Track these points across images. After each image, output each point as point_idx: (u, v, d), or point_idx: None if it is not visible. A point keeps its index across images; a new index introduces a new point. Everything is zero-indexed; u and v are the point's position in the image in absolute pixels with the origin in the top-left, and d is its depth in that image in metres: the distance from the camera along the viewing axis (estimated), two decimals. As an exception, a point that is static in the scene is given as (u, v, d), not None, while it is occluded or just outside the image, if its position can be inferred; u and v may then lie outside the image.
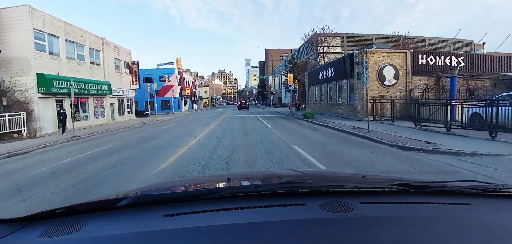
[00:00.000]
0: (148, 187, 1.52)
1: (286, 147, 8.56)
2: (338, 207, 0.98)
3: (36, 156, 9.23)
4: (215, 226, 0.86)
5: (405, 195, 1.16)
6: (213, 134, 13.19)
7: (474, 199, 1.12)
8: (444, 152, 7.07)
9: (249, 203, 1.04)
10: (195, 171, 5.97)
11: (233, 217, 0.94)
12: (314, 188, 1.17)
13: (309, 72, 32.09)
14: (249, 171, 5.39)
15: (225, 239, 0.80)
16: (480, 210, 1.04)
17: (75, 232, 0.87)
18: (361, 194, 1.13)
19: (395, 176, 1.54)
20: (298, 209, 1.00)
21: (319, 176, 1.93)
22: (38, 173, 6.40)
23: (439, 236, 0.83)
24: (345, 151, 7.78)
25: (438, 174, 5.45)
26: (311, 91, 30.88)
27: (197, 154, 7.82)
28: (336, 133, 12.11)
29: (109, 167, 6.60)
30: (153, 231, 0.85)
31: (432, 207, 1.05)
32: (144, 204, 1.07)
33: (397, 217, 0.95)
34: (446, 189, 1.19)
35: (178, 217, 0.95)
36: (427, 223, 0.91)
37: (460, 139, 8.76)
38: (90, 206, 1.06)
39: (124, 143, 10.91)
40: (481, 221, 0.95)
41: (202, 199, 1.12)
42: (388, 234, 0.83)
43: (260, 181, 1.69)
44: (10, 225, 0.93)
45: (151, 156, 7.83)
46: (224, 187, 1.40)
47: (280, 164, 6.43)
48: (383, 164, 6.27)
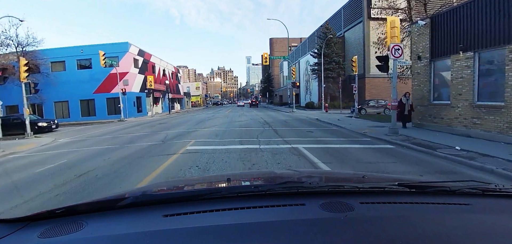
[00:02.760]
0: (148, 187, 1.75)
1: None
2: (338, 207, 0.96)
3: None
4: (215, 226, 0.85)
5: (405, 195, 1.14)
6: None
7: (474, 199, 1.12)
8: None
9: (249, 203, 1.03)
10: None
11: (233, 217, 0.92)
12: (314, 188, 1.15)
13: (439, 15, 11.93)
14: (249, 171, 5.28)
15: (225, 239, 0.78)
16: (480, 210, 1.03)
17: (75, 232, 0.85)
18: (361, 194, 1.12)
19: (395, 176, 1.67)
20: (298, 209, 0.98)
21: (319, 176, 1.90)
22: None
23: (439, 236, 0.81)
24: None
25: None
26: (437, 73, 11.33)
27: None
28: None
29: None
30: (153, 231, 0.84)
31: (432, 207, 1.03)
32: (144, 204, 1.05)
33: (397, 217, 0.94)
34: (446, 189, 1.18)
35: (178, 217, 0.93)
36: (427, 223, 0.89)
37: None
38: (90, 206, 1.04)
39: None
40: (481, 221, 0.94)
41: (202, 199, 1.10)
42: (388, 234, 0.82)
43: (260, 181, 1.68)
44: (10, 225, 0.92)
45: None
46: (224, 187, 1.37)
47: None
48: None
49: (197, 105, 71.54)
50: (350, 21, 32.94)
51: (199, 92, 78.45)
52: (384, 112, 23.83)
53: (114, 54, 28.21)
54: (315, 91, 37.00)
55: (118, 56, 28.60)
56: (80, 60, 29.29)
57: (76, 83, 28.77)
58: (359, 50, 30.38)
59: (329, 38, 29.26)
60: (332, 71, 29.81)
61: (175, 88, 46.60)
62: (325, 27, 31.36)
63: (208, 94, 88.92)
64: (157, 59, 38.45)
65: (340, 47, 32.58)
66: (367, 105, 24.12)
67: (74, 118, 28.84)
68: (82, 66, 29.48)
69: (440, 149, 7.18)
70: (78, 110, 29.32)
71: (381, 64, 10.47)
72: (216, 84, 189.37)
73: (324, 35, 30.62)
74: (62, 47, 29.54)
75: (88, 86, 28.77)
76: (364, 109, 23.40)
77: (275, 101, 69.54)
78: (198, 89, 78.90)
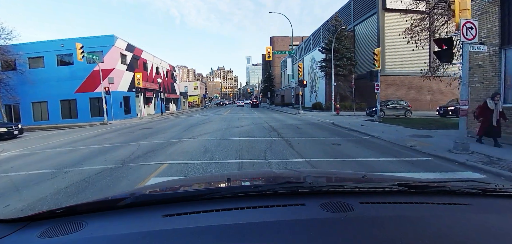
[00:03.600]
0: (148, 187, 1.56)
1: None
2: (338, 207, 0.95)
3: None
4: (215, 226, 0.84)
5: (405, 195, 1.13)
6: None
7: (474, 199, 1.11)
8: None
9: (249, 203, 1.02)
10: None
11: (233, 217, 0.91)
12: (314, 188, 1.14)
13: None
14: (250, 171, 5.12)
15: (226, 239, 0.78)
16: (480, 210, 1.02)
17: (75, 232, 0.84)
18: (361, 194, 1.11)
19: (395, 176, 1.62)
20: (298, 209, 0.98)
21: (319, 176, 1.86)
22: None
23: (439, 236, 0.81)
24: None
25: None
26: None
27: None
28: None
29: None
30: (153, 231, 0.83)
31: (432, 207, 1.03)
32: (144, 204, 1.03)
33: (397, 217, 0.93)
34: (446, 189, 1.17)
35: (178, 217, 0.92)
36: (427, 223, 0.89)
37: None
38: (90, 206, 1.03)
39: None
40: (481, 221, 0.93)
41: (202, 199, 1.08)
42: (388, 234, 0.81)
43: (260, 181, 1.67)
44: (10, 225, 0.91)
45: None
46: (224, 187, 1.34)
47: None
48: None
49: (195, 106, 68.34)
50: (361, 14, 29.79)
51: (197, 92, 75.23)
52: (405, 115, 20.69)
53: (98, 49, 25.04)
54: (321, 91, 33.85)
55: (102, 51, 25.44)
56: (60, 56, 26.08)
57: (56, 81, 25.59)
58: (372, 46, 27.30)
59: (340, 31, 26.11)
60: (343, 68, 26.67)
61: (170, 87, 43.40)
62: (334, 19, 28.20)
63: (206, 94, 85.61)
64: (150, 55, 35.26)
65: (351, 42, 29.44)
66: (386, 106, 20.98)
67: (54, 121, 25.68)
68: (62, 62, 26.27)
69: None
70: (59, 112, 26.13)
71: (442, 50, 7.34)
72: (216, 84, 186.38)
73: (333, 29, 27.46)
74: (40, 41, 26.34)
75: (69, 84, 25.59)
76: (382, 111, 20.28)
77: (276, 101, 66.33)
78: (196, 89, 75.68)
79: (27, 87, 25.02)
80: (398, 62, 26.71)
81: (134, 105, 29.08)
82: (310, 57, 39.90)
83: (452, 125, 12.54)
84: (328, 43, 26.95)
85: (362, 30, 30.00)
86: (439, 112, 20.11)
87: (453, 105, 19.47)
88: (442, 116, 19.15)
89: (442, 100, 24.75)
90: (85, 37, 25.51)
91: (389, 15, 26.43)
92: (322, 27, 40.31)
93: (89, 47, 24.12)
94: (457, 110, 19.17)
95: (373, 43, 27.09)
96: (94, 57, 22.14)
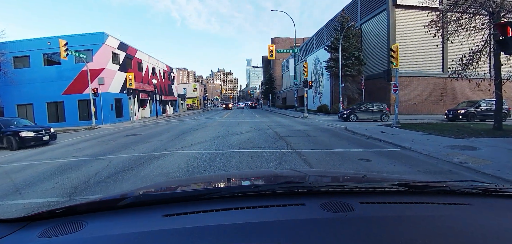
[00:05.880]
0: (148, 187, 1.55)
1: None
2: (338, 207, 0.95)
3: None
4: (216, 226, 0.84)
5: (405, 195, 1.12)
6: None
7: (474, 199, 1.10)
8: None
9: (249, 203, 1.01)
10: None
11: (233, 217, 0.90)
12: (314, 188, 1.13)
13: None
14: (250, 171, 5.04)
15: (226, 239, 0.78)
16: (480, 210, 1.02)
17: (75, 232, 0.84)
18: (361, 194, 1.10)
19: (395, 176, 1.58)
20: (298, 209, 0.97)
21: (319, 176, 1.85)
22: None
23: (439, 236, 0.81)
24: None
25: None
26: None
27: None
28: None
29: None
30: (153, 231, 0.83)
31: (432, 207, 1.02)
32: (144, 204, 1.02)
33: (397, 217, 0.93)
34: (446, 189, 1.16)
35: (178, 217, 0.91)
36: (427, 223, 0.88)
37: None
38: (90, 206, 1.02)
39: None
40: (481, 221, 0.93)
41: (202, 199, 1.07)
42: (388, 234, 0.81)
43: (261, 181, 1.65)
44: (10, 225, 0.91)
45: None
46: (224, 187, 1.33)
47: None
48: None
49: (194, 108, 66.54)
50: (368, 11, 27.97)
51: (196, 94, 73.42)
52: (381, 118, 18.51)
53: (87, 47, 23.26)
54: (326, 93, 32.02)
55: (92, 49, 23.64)
56: (47, 55, 24.30)
57: (43, 82, 23.81)
58: (381, 44, 25.50)
59: (348, 28, 24.28)
60: (351, 68, 24.82)
61: (167, 89, 41.58)
62: (341, 16, 26.37)
63: (206, 96, 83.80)
64: (145, 55, 33.46)
65: (358, 41, 27.64)
66: (359, 110, 19.00)
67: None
68: (50, 62, 24.48)
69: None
70: (45, 115, 24.28)
71: (508, 37, 5.48)
72: (216, 86, 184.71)
73: (340, 26, 25.65)
74: (26, 39, 24.56)
75: (57, 85, 23.78)
76: (354, 115, 18.35)
77: (277, 104, 64.50)
78: (196, 91, 73.89)
79: (11, 89, 23.26)
80: (410, 63, 24.88)
81: (127, 108, 27.23)
82: (314, 58, 38.12)
83: (485, 131, 10.67)
84: (335, 42, 25.13)
85: (370, 28, 28.17)
86: (447, 116, 18.14)
87: (463, 109, 17.54)
88: (451, 121, 17.18)
89: (456, 103, 22.91)
90: (73, 34, 23.73)
91: (400, 12, 24.63)
92: (326, 26, 38.52)
93: (77, 45, 22.35)
94: (468, 114, 17.32)
95: (382, 41, 25.28)
96: (82, 56, 20.31)
